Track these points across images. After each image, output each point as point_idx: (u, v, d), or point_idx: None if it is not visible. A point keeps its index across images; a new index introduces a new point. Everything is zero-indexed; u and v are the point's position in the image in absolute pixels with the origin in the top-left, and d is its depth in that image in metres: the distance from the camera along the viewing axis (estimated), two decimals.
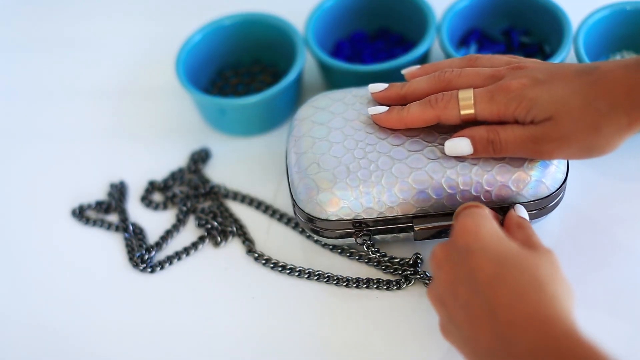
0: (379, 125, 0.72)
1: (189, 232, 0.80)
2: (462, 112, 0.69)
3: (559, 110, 0.65)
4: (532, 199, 0.70)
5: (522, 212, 0.69)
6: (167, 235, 0.79)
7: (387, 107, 0.72)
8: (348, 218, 0.71)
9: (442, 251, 0.64)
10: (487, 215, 0.65)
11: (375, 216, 0.71)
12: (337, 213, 0.70)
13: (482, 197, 0.69)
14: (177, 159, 0.85)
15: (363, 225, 0.71)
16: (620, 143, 0.66)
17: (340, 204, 0.70)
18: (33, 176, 0.85)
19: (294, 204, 0.73)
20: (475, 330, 0.60)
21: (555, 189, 0.70)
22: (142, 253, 0.77)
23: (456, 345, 0.63)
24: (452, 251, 0.63)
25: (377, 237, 0.72)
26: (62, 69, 0.95)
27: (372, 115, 0.72)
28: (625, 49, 0.84)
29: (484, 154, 0.69)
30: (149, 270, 0.77)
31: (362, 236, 0.71)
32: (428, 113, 0.70)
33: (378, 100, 0.74)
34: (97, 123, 0.89)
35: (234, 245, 0.78)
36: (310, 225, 0.73)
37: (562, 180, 0.71)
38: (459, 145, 0.69)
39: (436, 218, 0.70)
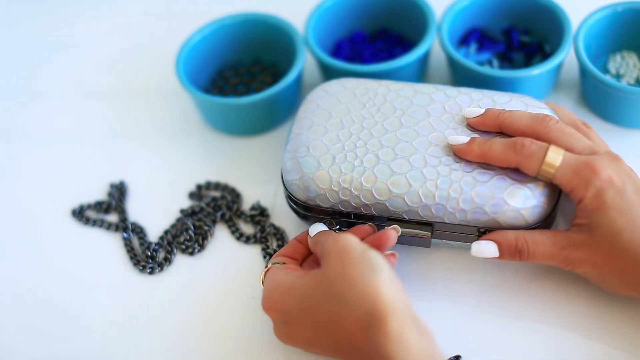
0: (456, 151, 0.69)
1: (189, 233, 0.80)
2: (543, 168, 0.66)
3: (610, 231, 0.63)
4: (510, 227, 0.68)
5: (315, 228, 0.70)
6: (167, 235, 0.79)
7: (468, 138, 0.69)
8: (325, 206, 0.71)
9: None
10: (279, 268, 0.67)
11: (351, 210, 0.70)
12: (315, 199, 0.71)
13: (456, 215, 0.68)
14: (177, 159, 0.85)
15: (338, 215, 0.71)
16: None
17: (319, 191, 0.70)
18: (33, 176, 0.85)
19: (282, 181, 0.73)
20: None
21: (535, 222, 0.68)
22: (142, 253, 0.77)
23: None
24: None
25: None
26: (62, 69, 0.95)
27: (451, 145, 0.70)
28: (625, 49, 0.84)
29: (509, 259, 0.67)
30: (149, 270, 0.77)
31: (331, 221, 0.71)
32: (510, 156, 0.67)
33: (474, 125, 0.71)
34: (97, 123, 0.89)
35: (234, 245, 0.78)
36: (293, 206, 0.73)
37: (547, 215, 0.68)
38: (487, 249, 0.67)
39: (410, 225, 0.70)
